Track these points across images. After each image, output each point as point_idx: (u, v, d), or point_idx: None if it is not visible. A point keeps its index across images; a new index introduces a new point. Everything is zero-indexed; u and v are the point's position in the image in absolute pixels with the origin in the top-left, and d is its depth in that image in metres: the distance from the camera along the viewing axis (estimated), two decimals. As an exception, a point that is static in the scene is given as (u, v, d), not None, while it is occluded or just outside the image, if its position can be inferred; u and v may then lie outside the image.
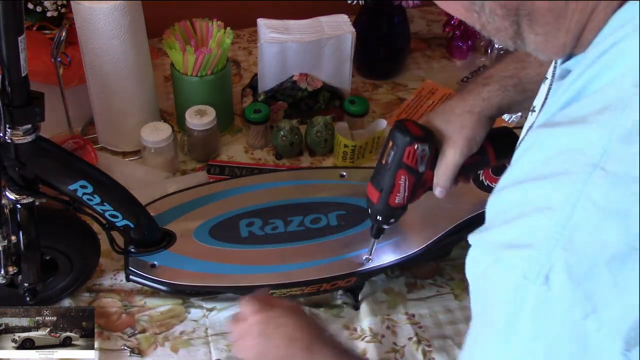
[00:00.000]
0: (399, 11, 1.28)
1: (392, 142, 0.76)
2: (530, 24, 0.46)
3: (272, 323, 0.72)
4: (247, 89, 1.23)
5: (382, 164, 0.78)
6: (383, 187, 0.79)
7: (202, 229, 0.94)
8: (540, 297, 0.42)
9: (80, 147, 1.08)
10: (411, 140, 0.75)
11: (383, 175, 0.78)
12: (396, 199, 0.79)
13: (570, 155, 0.42)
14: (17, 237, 0.81)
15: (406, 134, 0.75)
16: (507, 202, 0.47)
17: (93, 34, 1.00)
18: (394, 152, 0.76)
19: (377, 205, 0.80)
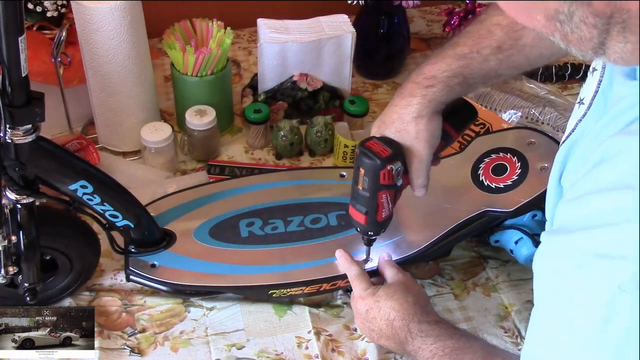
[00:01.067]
0: (399, 11, 1.28)
1: (364, 170, 0.76)
2: (623, 32, 0.44)
3: (374, 307, 0.82)
4: (247, 89, 1.23)
5: (359, 189, 0.78)
6: (367, 209, 0.80)
7: (202, 229, 0.94)
8: (636, 308, 0.43)
9: (83, 147, 1.08)
10: (382, 164, 0.75)
11: (364, 199, 0.79)
12: (382, 214, 0.81)
13: None
14: (17, 237, 0.81)
15: (375, 158, 0.75)
16: (593, 208, 0.48)
17: (93, 34, 1.00)
18: (369, 178, 0.76)
19: (366, 225, 0.82)
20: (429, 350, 0.75)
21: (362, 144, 0.77)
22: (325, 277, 0.89)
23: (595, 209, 0.48)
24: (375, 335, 0.83)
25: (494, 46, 0.76)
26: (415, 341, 0.78)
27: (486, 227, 0.98)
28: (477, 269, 1.00)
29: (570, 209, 0.52)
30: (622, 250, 0.44)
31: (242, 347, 0.88)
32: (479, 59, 0.77)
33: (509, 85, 1.27)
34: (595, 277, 0.46)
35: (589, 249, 0.47)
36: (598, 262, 0.46)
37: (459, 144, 1.14)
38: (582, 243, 0.48)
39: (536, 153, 0.98)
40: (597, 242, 0.47)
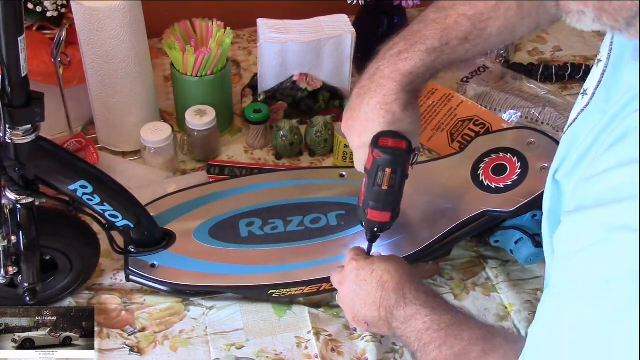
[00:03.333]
0: (399, 11, 1.28)
1: (391, 169, 0.76)
2: None
3: (366, 269, 0.79)
4: (247, 89, 1.23)
5: (386, 190, 0.77)
6: (394, 206, 0.79)
7: (202, 229, 0.94)
8: None
9: (83, 147, 1.08)
10: (406, 156, 0.76)
11: (391, 197, 0.78)
12: (400, 204, 0.81)
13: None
14: (17, 237, 0.81)
15: (400, 153, 0.75)
16: (615, 183, 0.48)
17: (93, 34, 1.00)
18: (397, 175, 0.76)
19: (389, 222, 0.81)
20: (423, 321, 0.71)
21: (377, 145, 0.76)
22: (325, 277, 0.89)
23: (616, 182, 0.48)
24: (358, 303, 0.78)
25: (461, 37, 0.77)
26: (408, 308, 0.73)
27: (486, 227, 0.98)
28: (477, 269, 1.00)
29: (587, 188, 0.51)
30: None
31: (241, 346, 0.88)
32: (448, 51, 0.78)
33: (509, 85, 1.27)
34: (618, 251, 0.46)
35: (611, 223, 0.47)
36: (621, 234, 0.46)
37: (459, 144, 1.15)
38: (603, 218, 0.48)
39: (536, 153, 0.98)
40: (619, 216, 0.46)
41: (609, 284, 0.47)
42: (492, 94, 1.23)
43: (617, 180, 0.48)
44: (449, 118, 1.21)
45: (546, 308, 0.55)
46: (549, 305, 0.54)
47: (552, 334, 0.53)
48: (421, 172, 1.02)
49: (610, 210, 0.48)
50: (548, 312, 0.54)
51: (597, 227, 0.48)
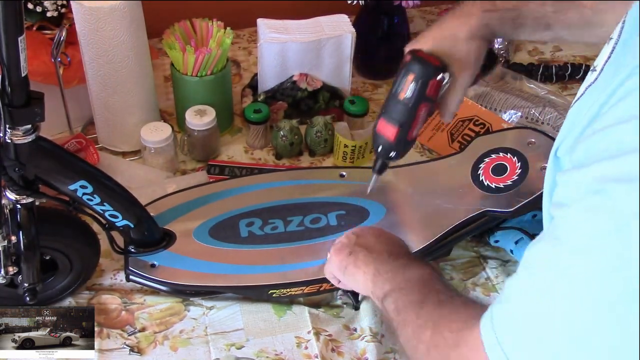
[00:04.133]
0: (399, 11, 1.28)
1: (413, 75, 0.74)
2: None
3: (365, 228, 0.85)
4: (247, 89, 1.23)
5: (400, 99, 0.75)
6: (402, 122, 0.76)
7: (202, 229, 0.94)
8: None
9: (83, 147, 1.08)
10: (434, 71, 0.74)
11: (403, 110, 0.76)
12: (413, 132, 0.78)
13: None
14: (17, 237, 0.81)
15: (428, 66, 0.74)
16: (614, 139, 0.47)
17: (93, 34, 1.00)
18: (416, 86, 0.74)
19: (392, 142, 0.78)
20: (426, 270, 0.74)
21: (413, 52, 0.75)
22: (325, 277, 0.89)
23: (615, 139, 0.47)
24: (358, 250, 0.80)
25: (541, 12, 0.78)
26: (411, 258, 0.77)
27: (486, 227, 0.98)
28: (477, 269, 1.00)
29: (584, 147, 0.51)
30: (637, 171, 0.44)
31: (241, 346, 0.88)
32: (538, 3, 0.78)
33: (509, 85, 1.27)
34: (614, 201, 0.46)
35: (609, 175, 0.46)
36: (618, 186, 0.45)
37: (459, 144, 1.15)
38: (600, 171, 0.47)
39: (536, 153, 0.98)
40: (617, 168, 0.46)
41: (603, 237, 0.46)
42: (492, 94, 1.23)
43: (616, 136, 0.48)
44: (449, 118, 1.21)
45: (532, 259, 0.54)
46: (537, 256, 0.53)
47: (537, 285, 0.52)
48: (421, 172, 1.02)
49: (608, 164, 0.47)
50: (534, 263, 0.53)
51: (593, 180, 0.48)
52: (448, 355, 0.60)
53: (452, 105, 0.82)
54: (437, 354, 0.61)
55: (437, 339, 0.62)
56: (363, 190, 0.99)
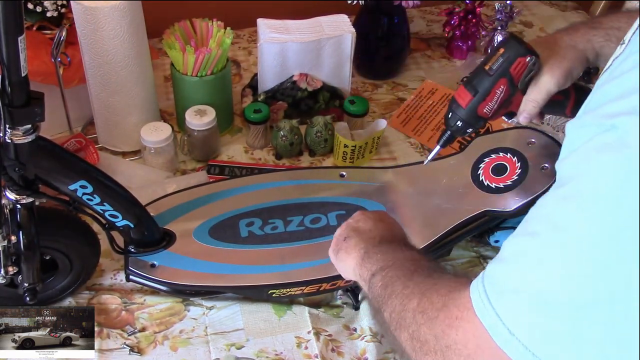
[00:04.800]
0: (399, 11, 1.28)
1: (504, 49, 0.78)
2: None
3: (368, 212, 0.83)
4: (247, 89, 1.23)
5: (484, 69, 0.79)
6: (478, 91, 0.80)
7: (202, 229, 0.94)
8: None
9: (83, 147, 1.08)
10: (525, 51, 0.77)
11: (482, 79, 0.79)
12: (485, 107, 0.81)
13: None
14: (17, 237, 0.81)
15: (522, 44, 0.77)
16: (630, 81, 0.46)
17: (93, 34, 1.00)
18: (503, 59, 0.78)
19: (464, 110, 0.81)
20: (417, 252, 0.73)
21: (512, 33, 0.80)
22: (325, 277, 0.89)
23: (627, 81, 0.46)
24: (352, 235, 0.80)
25: None
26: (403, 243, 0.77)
27: (486, 227, 0.98)
28: (477, 269, 1.00)
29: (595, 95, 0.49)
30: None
31: (241, 346, 0.88)
32: None
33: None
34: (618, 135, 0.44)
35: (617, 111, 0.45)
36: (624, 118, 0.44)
37: (459, 144, 1.15)
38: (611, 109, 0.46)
39: (536, 153, 0.98)
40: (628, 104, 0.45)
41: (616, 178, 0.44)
42: (492, 94, 1.23)
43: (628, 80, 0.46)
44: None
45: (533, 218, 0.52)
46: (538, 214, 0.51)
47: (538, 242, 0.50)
48: (421, 172, 1.02)
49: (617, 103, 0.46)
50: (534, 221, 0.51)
51: (602, 117, 0.47)
52: (436, 317, 0.58)
53: (530, 105, 0.82)
54: (423, 319, 0.59)
55: (424, 304, 0.60)
56: (363, 190, 1.00)
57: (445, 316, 0.56)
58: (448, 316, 0.56)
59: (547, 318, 0.48)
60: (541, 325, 0.48)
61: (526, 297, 0.49)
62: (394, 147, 1.20)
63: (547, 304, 0.48)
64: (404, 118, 1.25)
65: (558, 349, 0.48)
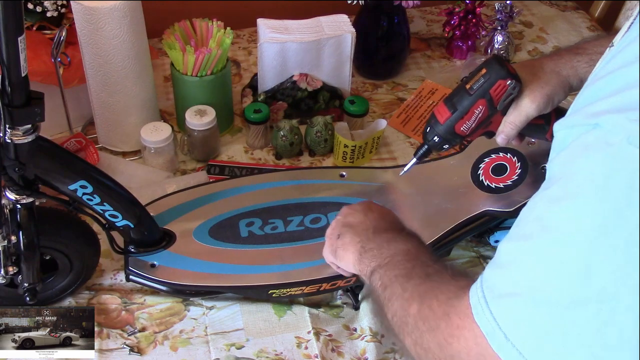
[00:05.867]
0: (399, 11, 1.28)
1: (486, 70, 0.78)
2: None
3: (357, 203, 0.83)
4: (247, 89, 1.23)
5: (465, 88, 0.80)
6: (457, 109, 0.80)
7: (202, 229, 0.94)
8: None
9: (83, 147, 1.08)
10: (506, 74, 0.77)
11: (462, 98, 0.80)
12: (463, 126, 0.81)
13: None
14: (17, 237, 0.81)
15: (504, 67, 0.78)
16: (616, 80, 0.47)
17: (93, 34, 1.00)
18: (484, 80, 0.78)
19: (441, 126, 0.82)
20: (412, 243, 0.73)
21: (496, 55, 0.83)
22: (325, 277, 0.89)
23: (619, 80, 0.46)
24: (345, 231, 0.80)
25: None
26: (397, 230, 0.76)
27: (486, 227, 0.98)
28: (477, 269, 1.00)
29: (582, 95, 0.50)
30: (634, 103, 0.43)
31: (241, 346, 0.88)
32: None
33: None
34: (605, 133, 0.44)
35: (603, 109, 0.45)
36: (611, 116, 0.44)
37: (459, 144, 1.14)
38: (597, 108, 0.46)
39: (536, 153, 0.98)
40: (617, 102, 0.45)
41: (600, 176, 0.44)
42: (492, 94, 1.23)
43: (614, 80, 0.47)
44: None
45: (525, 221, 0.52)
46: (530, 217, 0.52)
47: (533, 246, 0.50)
48: (421, 172, 1.02)
49: (602, 102, 0.46)
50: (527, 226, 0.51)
51: (586, 117, 0.47)
52: (438, 327, 0.58)
53: (508, 127, 0.82)
54: (425, 327, 0.59)
55: (424, 312, 0.60)
56: (363, 190, 1.00)
57: (446, 325, 0.57)
58: (449, 325, 0.56)
59: (539, 320, 0.48)
60: (533, 329, 0.48)
61: (521, 300, 0.49)
62: (394, 147, 1.20)
63: (540, 306, 0.48)
64: (404, 118, 1.25)
65: (549, 352, 0.48)
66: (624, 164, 0.43)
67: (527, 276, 0.49)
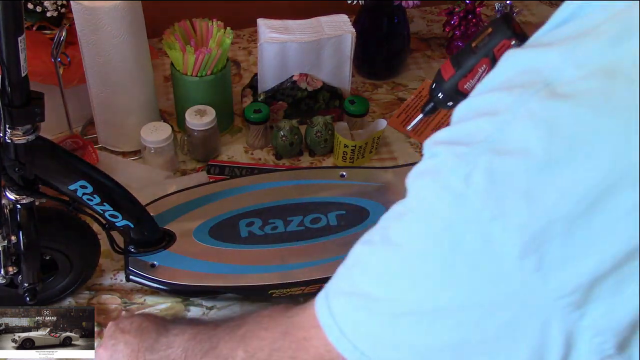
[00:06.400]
0: (399, 11, 1.28)
1: (492, 30, 0.79)
2: None
3: (125, 321, 0.74)
4: (247, 89, 1.23)
5: (471, 47, 0.80)
6: (461, 66, 0.81)
7: (202, 229, 0.94)
8: (458, 193, 0.43)
9: (79, 147, 1.08)
10: (511, 34, 0.78)
11: (467, 57, 0.81)
12: (466, 84, 0.82)
13: (529, 74, 0.43)
14: (17, 237, 0.81)
15: (510, 27, 0.78)
16: (464, 109, 0.48)
17: (93, 34, 1.00)
18: (489, 39, 0.79)
19: (445, 83, 0.83)
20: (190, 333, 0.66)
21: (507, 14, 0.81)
22: (325, 277, 0.89)
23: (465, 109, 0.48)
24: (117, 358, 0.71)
25: None
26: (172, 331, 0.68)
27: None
28: (477, 269, 1.00)
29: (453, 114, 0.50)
30: (468, 139, 0.44)
31: (242, 347, 0.88)
32: None
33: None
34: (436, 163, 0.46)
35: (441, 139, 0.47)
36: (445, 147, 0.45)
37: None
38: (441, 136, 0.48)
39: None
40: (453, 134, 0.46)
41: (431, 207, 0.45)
42: (492, 94, 1.23)
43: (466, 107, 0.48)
44: (449, 118, 1.21)
45: None
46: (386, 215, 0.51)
47: None
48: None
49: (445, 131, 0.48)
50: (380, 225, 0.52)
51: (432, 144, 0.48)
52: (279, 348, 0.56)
53: None
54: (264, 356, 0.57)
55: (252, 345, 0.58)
56: (363, 190, 1.00)
57: (290, 341, 0.56)
58: (293, 340, 0.55)
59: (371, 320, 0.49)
60: (366, 326, 0.49)
61: (355, 299, 0.50)
62: (394, 147, 1.20)
63: (371, 309, 0.49)
64: (404, 118, 1.25)
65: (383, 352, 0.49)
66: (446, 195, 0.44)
67: (363, 279, 0.50)
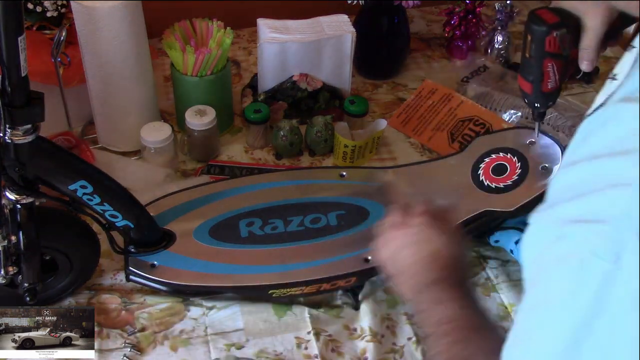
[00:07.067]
0: (399, 11, 1.28)
1: (530, 36, 0.79)
2: None
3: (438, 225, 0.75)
4: (247, 89, 1.23)
5: (526, 57, 0.81)
6: (533, 77, 0.82)
7: (202, 229, 0.94)
8: (608, 276, 0.40)
9: (73, 145, 1.08)
10: (548, 29, 0.78)
11: (529, 67, 0.82)
12: (548, 85, 0.83)
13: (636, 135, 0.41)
14: (17, 237, 0.81)
15: (541, 24, 0.78)
16: (579, 177, 0.46)
17: (93, 34, 1.00)
18: (534, 45, 0.79)
19: (531, 95, 0.84)
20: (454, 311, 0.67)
21: (532, 12, 0.80)
22: (325, 277, 0.89)
23: (581, 177, 0.45)
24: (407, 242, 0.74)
25: None
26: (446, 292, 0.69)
27: (486, 227, 0.98)
28: (477, 269, 1.00)
29: (557, 179, 0.48)
30: (602, 215, 0.41)
31: (241, 347, 0.88)
32: None
33: (509, 85, 1.27)
34: (569, 245, 0.43)
35: (571, 218, 0.44)
36: (575, 227, 0.43)
37: (459, 144, 1.15)
38: (565, 213, 0.45)
39: (536, 153, 0.98)
40: (579, 210, 0.44)
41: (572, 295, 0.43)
42: (492, 94, 1.23)
43: (584, 173, 0.45)
44: (449, 118, 1.21)
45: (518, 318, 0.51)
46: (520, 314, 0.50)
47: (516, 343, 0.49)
48: (421, 172, 1.02)
49: (571, 205, 0.45)
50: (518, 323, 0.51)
51: (556, 222, 0.46)
52: None
53: (586, 53, 0.79)
54: None
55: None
56: (363, 190, 1.00)
57: None
58: None
59: None
60: None
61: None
62: (394, 147, 1.20)
63: None
64: (404, 118, 1.25)
65: None
66: (591, 278, 0.42)
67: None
